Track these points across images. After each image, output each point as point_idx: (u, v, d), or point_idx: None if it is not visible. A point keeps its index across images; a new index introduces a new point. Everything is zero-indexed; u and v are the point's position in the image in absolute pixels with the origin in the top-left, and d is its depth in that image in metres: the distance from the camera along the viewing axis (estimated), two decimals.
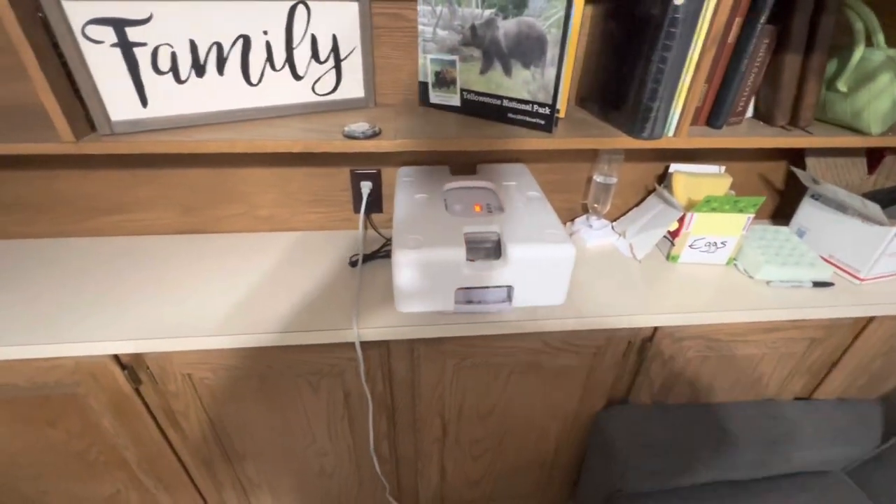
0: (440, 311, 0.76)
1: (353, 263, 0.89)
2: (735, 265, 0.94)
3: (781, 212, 1.12)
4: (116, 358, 0.76)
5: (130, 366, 0.78)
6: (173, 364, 0.78)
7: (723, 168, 0.98)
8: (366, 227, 1.02)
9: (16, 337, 0.72)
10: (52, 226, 0.97)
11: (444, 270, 0.69)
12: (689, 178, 0.94)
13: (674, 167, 0.98)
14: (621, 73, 0.75)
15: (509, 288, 0.74)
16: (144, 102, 0.69)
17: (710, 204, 0.85)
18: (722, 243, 0.91)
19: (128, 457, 0.91)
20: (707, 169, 0.97)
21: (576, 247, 0.71)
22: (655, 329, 0.86)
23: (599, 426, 0.98)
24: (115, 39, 0.63)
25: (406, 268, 0.68)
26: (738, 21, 0.70)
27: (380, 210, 1.01)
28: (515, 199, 0.82)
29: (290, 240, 1.00)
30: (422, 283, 0.70)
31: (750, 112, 0.86)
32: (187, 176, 0.93)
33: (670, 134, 0.76)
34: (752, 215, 0.87)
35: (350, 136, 0.71)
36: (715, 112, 0.79)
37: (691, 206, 0.90)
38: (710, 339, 0.88)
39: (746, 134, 0.80)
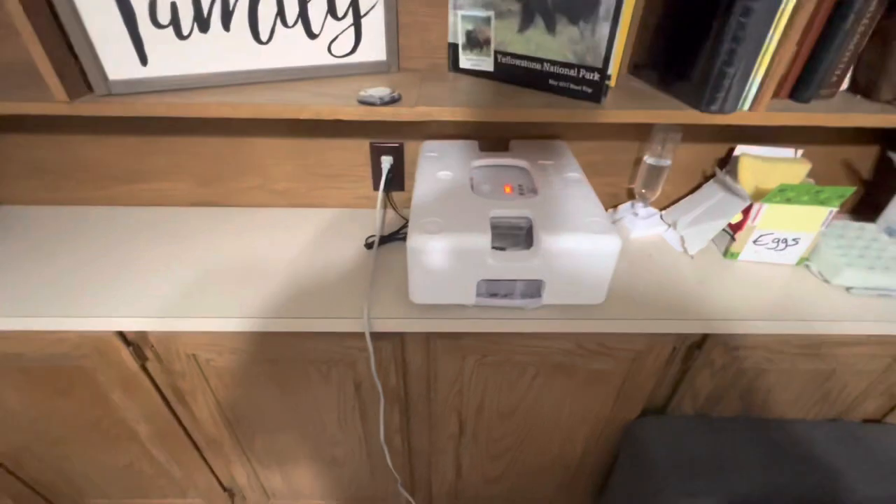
0: (459, 304, 0.68)
1: (370, 246, 0.82)
2: (807, 266, 0.81)
3: (866, 206, 0.95)
4: (121, 334, 0.73)
5: (135, 342, 0.75)
6: (178, 344, 0.74)
7: (799, 152, 0.83)
8: (385, 207, 0.94)
9: (23, 308, 0.70)
10: (74, 192, 0.94)
11: (465, 259, 0.61)
12: (759, 163, 0.80)
13: (740, 149, 0.84)
14: (690, 31, 0.62)
15: (540, 282, 0.65)
16: (144, 60, 0.63)
17: (785, 194, 0.72)
18: (793, 240, 0.78)
19: (139, 430, 0.90)
20: (780, 152, 0.83)
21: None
22: (706, 336, 0.75)
23: (634, 436, 0.89)
24: None
25: (421, 255, 0.60)
26: None
27: (402, 188, 0.93)
28: (552, 181, 0.72)
29: (306, 216, 0.93)
30: (439, 273, 0.62)
31: (845, 84, 0.71)
32: (202, 144, 0.88)
33: (745, 108, 0.63)
34: (835, 209, 0.73)
35: (365, 102, 0.63)
36: (803, 82, 0.65)
37: (759, 195, 0.77)
38: (771, 350, 0.77)
39: (841, 110, 0.66)
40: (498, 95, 0.69)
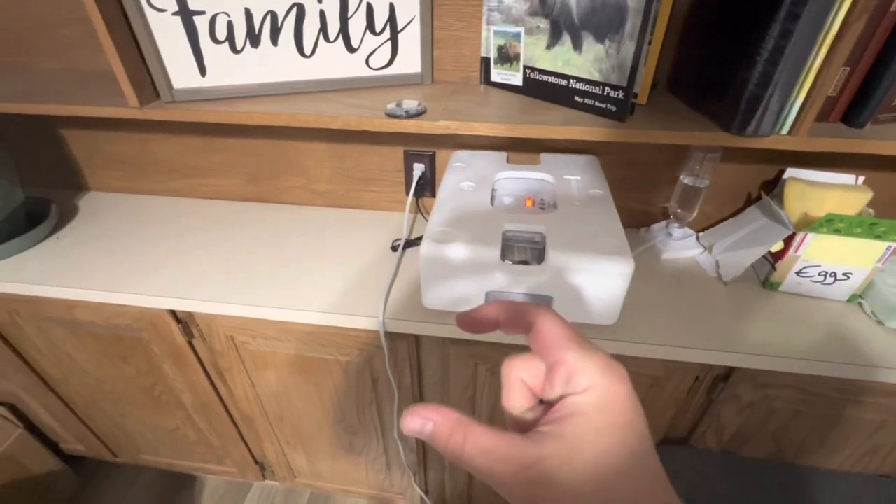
0: None
1: (395, 248, 0.86)
2: (860, 304, 0.74)
3: None
4: (173, 312, 0.82)
5: (184, 321, 0.84)
6: (218, 325, 0.82)
7: (861, 178, 0.76)
8: (415, 212, 0.98)
9: (96, 282, 0.81)
10: (144, 183, 1.07)
11: (473, 270, 0.62)
12: (809, 188, 0.74)
13: (789, 172, 0.78)
14: (726, 50, 0.59)
15: (549, 298, 0.65)
16: (203, 72, 0.71)
17: (833, 224, 0.67)
18: (844, 275, 0.72)
19: (184, 399, 1.00)
20: (837, 178, 0.77)
21: (647, 258, 0.59)
22: (732, 369, 0.71)
23: None
24: (175, 7, 0.65)
25: (432, 262, 0.63)
26: None
27: (432, 194, 0.96)
28: (574, 196, 0.72)
29: (342, 216, 0.99)
30: (448, 281, 0.64)
31: None
32: (253, 146, 0.96)
33: (784, 131, 0.59)
34: (893, 244, 0.66)
35: (391, 115, 0.66)
36: (857, 105, 0.60)
37: (808, 223, 0.71)
38: (807, 391, 0.71)
39: None
40: (523, 110, 0.70)
